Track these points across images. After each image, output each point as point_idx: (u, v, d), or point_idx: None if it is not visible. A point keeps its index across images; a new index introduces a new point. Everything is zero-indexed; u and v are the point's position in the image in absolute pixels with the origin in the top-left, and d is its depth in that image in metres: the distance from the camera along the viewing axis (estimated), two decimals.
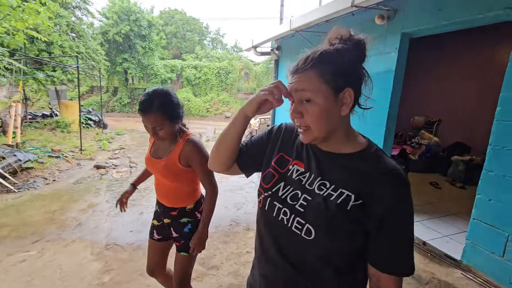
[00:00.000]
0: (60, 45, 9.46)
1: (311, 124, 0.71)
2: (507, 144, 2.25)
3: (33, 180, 4.58)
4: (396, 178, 0.70)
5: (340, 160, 0.75)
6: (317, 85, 0.69)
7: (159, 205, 1.56)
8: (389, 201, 0.67)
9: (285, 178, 0.80)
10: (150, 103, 1.26)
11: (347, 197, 0.69)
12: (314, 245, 0.71)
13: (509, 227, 2.25)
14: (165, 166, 1.41)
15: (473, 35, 5.03)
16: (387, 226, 0.68)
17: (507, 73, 2.25)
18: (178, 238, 1.52)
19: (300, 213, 0.73)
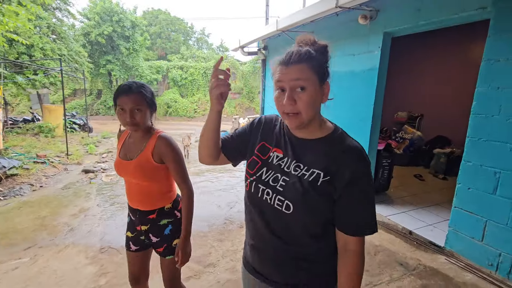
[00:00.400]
0: (41, 48, 9.18)
1: (302, 109, 0.81)
2: (483, 135, 2.41)
3: (19, 187, 4.47)
4: (355, 155, 0.84)
5: (312, 144, 0.88)
6: (310, 75, 0.80)
7: (133, 213, 1.47)
8: (350, 174, 0.81)
9: (267, 163, 0.93)
10: (131, 85, 1.31)
11: (317, 175, 0.83)
12: (294, 217, 0.85)
13: (487, 213, 2.42)
14: (138, 165, 1.36)
15: (451, 34, 5.27)
16: (349, 195, 0.82)
17: (481, 69, 2.41)
18: (158, 243, 1.46)
19: (280, 192, 0.86)
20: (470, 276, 2.40)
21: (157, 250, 1.50)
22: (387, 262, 2.61)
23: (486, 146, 2.40)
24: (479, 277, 2.37)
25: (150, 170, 1.37)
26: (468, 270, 2.47)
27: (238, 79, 20.35)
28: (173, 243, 1.48)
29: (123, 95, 1.29)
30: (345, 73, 3.85)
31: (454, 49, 5.91)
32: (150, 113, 1.38)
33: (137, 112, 1.31)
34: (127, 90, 1.30)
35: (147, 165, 1.36)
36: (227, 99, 0.95)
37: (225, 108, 19.88)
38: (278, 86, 0.83)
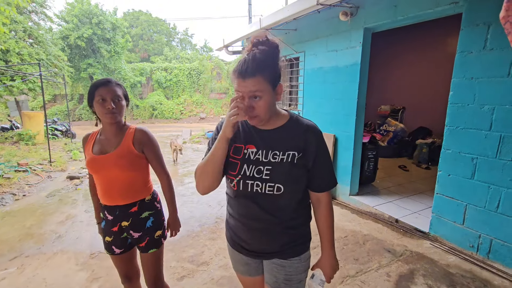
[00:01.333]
0: (17, 53, 8.82)
1: (260, 113, 0.97)
2: (460, 124, 2.53)
3: (0, 197, 4.30)
4: (313, 131, 1.05)
5: (277, 132, 1.05)
6: (264, 86, 0.94)
7: (112, 211, 1.46)
8: (314, 146, 1.03)
9: (245, 160, 1.04)
10: (109, 79, 1.40)
11: (293, 155, 1.01)
12: (284, 195, 1.02)
13: (466, 198, 2.55)
14: (119, 155, 1.39)
15: (428, 28, 5.46)
16: (318, 163, 1.04)
17: (456, 61, 2.53)
18: (140, 238, 1.48)
19: (267, 180, 1.00)
20: (453, 258, 2.52)
21: (139, 246, 1.51)
22: (376, 250, 2.70)
23: (463, 134, 2.52)
24: (462, 258, 2.50)
25: (132, 158, 1.42)
26: (451, 252, 2.59)
27: (224, 79, 20.26)
28: (155, 235, 1.52)
29: (102, 86, 1.36)
30: (329, 68, 3.93)
31: (432, 42, 6.14)
32: (125, 105, 1.45)
33: (118, 101, 1.39)
34: (107, 82, 1.38)
35: (129, 154, 1.41)
36: (213, 99, 1.01)
37: (212, 108, 19.65)
38: (237, 93, 0.97)
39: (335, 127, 3.91)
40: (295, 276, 1.11)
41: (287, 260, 1.10)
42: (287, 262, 1.10)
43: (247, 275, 1.24)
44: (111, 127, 1.43)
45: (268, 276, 1.15)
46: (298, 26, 4.47)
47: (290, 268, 1.10)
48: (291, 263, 1.10)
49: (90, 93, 1.38)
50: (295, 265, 1.10)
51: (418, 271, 2.35)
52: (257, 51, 0.94)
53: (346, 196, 3.85)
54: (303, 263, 1.12)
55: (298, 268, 1.11)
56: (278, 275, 1.11)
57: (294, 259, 1.10)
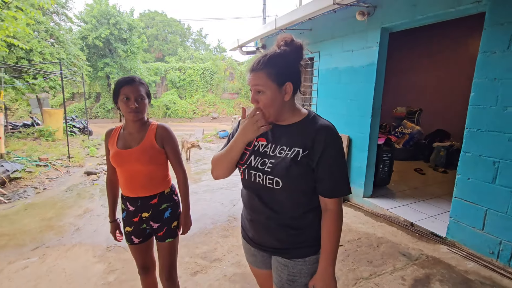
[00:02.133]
0: (40, 52, 9.18)
1: (263, 107, 1.02)
2: (481, 126, 2.46)
3: (23, 190, 4.49)
4: (326, 131, 1.01)
5: (290, 128, 1.06)
6: (265, 82, 0.99)
7: (133, 202, 1.53)
8: (322, 146, 0.98)
9: (254, 152, 1.10)
10: (133, 77, 1.44)
11: (297, 152, 1.01)
12: (283, 190, 1.02)
13: (487, 202, 2.47)
14: (142, 150, 1.45)
15: (449, 27, 5.32)
16: (324, 164, 0.99)
17: (478, 61, 2.46)
18: (159, 228, 1.55)
19: (269, 172, 1.03)
20: (472, 264, 2.44)
21: (157, 235, 1.58)
22: (390, 253, 2.65)
23: (484, 137, 2.45)
24: (481, 265, 2.42)
25: (154, 153, 1.49)
26: (470, 258, 2.52)
27: (236, 79, 20.37)
28: (172, 225, 1.59)
29: (127, 85, 1.41)
30: (344, 69, 3.90)
31: (451, 42, 5.97)
32: (148, 103, 1.51)
33: (141, 100, 1.44)
34: (131, 81, 1.43)
35: (152, 149, 1.48)
36: (226, 99, 1.05)
37: (224, 108, 19.80)
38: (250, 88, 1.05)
39: (350, 128, 3.86)
40: (299, 278, 1.09)
41: (290, 260, 1.09)
42: (290, 262, 1.09)
43: (254, 266, 1.29)
44: (134, 123, 1.49)
45: (274, 274, 1.16)
46: (313, 26, 4.45)
47: (294, 269, 1.09)
48: (294, 263, 1.09)
49: (115, 91, 1.44)
50: (298, 266, 1.08)
51: (435, 276, 2.30)
52: (277, 50, 1.02)
53: (360, 198, 3.80)
54: (309, 267, 1.09)
55: (302, 270, 1.09)
56: (282, 274, 1.11)
57: (298, 260, 1.08)
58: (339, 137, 1.02)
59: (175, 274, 1.66)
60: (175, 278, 1.66)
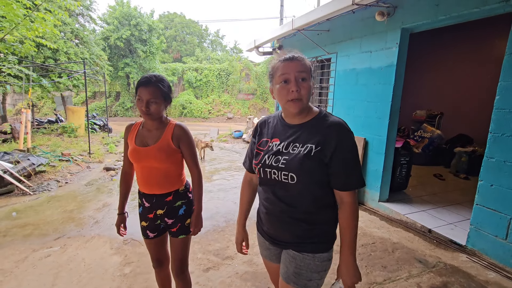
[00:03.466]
0: (65, 52, 9.62)
1: (304, 96, 1.05)
2: (506, 131, 2.36)
3: (47, 183, 4.72)
4: (337, 127, 1.06)
5: (302, 127, 1.11)
6: (308, 71, 1.07)
7: (149, 199, 1.57)
8: (334, 142, 1.03)
9: (268, 151, 1.16)
10: (150, 78, 1.44)
11: (310, 148, 1.05)
12: (298, 185, 1.07)
13: (511, 211, 2.35)
14: (159, 148, 1.48)
15: (472, 28, 5.13)
16: (337, 159, 1.04)
17: (505, 63, 2.36)
18: (173, 224, 1.59)
19: (283, 168, 1.08)
20: (493, 274, 2.34)
21: (171, 231, 1.61)
22: (406, 259, 2.58)
23: (509, 142, 2.34)
24: (503, 276, 2.31)
25: (170, 152, 1.51)
26: (491, 269, 2.41)
27: (252, 80, 20.45)
28: (186, 222, 1.62)
29: (142, 86, 1.43)
30: (362, 70, 3.84)
31: (474, 43, 5.74)
32: (164, 105, 1.51)
33: (152, 103, 1.43)
34: (146, 83, 1.43)
35: (168, 148, 1.50)
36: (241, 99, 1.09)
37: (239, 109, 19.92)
38: (283, 79, 1.06)
39: (367, 130, 3.80)
40: (305, 272, 1.11)
41: (299, 254, 1.12)
42: (298, 255, 1.12)
43: (268, 260, 1.33)
44: (153, 121, 1.53)
45: (282, 265, 1.20)
46: (331, 26, 4.40)
47: (301, 263, 1.12)
48: (303, 257, 1.12)
49: (135, 88, 1.48)
50: (306, 261, 1.11)
51: (453, 285, 2.22)
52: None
53: (375, 202, 3.72)
54: (317, 263, 1.11)
55: (309, 265, 1.11)
56: (289, 266, 1.15)
57: (307, 255, 1.11)
58: (350, 132, 1.07)
59: (186, 270, 1.69)
60: (186, 273, 1.70)
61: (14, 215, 3.43)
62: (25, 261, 2.50)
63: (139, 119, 1.64)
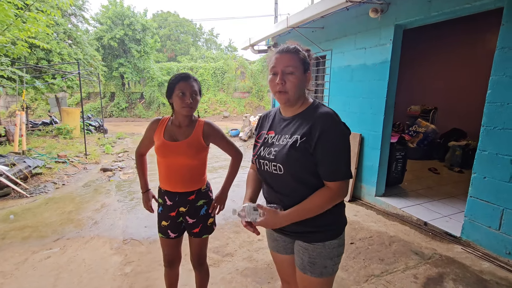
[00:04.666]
0: (58, 53, 9.52)
1: (289, 89, 1.08)
2: (498, 124, 2.41)
3: (43, 185, 4.69)
4: (324, 116, 1.07)
5: (294, 119, 1.15)
6: (297, 63, 1.08)
7: (172, 197, 1.58)
8: (320, 132, 1.04)
9: (264, 143, 1.22)
10: (188, 74, 1.51)
11: (296, 139, 1.09)
12: (285, 175, 1.10)
13: (503, 202, 2.42)
14: (189, 144, 1.52)
15: (465, 23, 5.19)
16: (321, 148, 1.05)
17: (495, 58, 2.41)
18: (195, 224, 1.60)
19: (272, 159, 1.12)
20: (487, 264, 2.40)
21: (193, 231, 1.62)
22: (402, 251, 2.63)
23: (502, 134, 2.39)
24: (497, 265, 2.37)
25: (200, 149, 1.55)
26: (485, 259, 2.47)
27: (247, 78, 20.42)
28: (208, 222, 1.64)
29: (183, 80, 1.49)
30: (357, 66, 3.87)
31: (466, 39, 5.81)
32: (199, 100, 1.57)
33: (195, 96, 1.50)
34: (187, 77, 1.50)
35: (198, 145, 1.54)
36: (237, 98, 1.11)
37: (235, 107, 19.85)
38: (272, 71, 1.10)
39: (362, 126, 3.84)
40: (319, 260, 1.15)
41: (310, 244, 1.16)
42: (310, 246, 1.16)
43: (275, 251, 1.35)
44: (185, 118, 1.56)
45: (296, 257, 1.23)
46: (326, 24, 4.43)
47: (313, 252, 1.15)
48: (314, 247, 1.15)
49: (171, 86, 1.51)
50: (318, 250, 1.15)
51: (448, 275, 2.27)
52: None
53: (372, 197, 3.77)
54: (327, 250, 1.14)
55: (321, 254, 1.14)
56: (304, 257, 1.18)
57: (317, 244, 1.14)
58: (338, 122, 1.07)
59: (205, 262, 1.75)
60: (205, 265, 1.76)
61: (11, 218, 3.42)
62: (25, 263, 2.50)
63: (139, 119, 1.66)
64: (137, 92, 19.62)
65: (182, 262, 2.40)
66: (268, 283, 2.21)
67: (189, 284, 2.19)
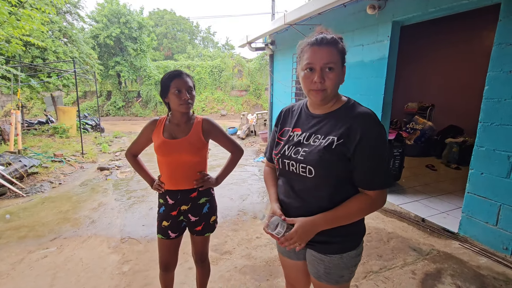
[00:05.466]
0: (54, 51, 9.42)
1: (329, 86, 0.97)
2: (495, 120, 2.41)
3: (40, 184, 4.65)
4: (364, 119, 0.96)
5: (326, 117, 1.04)
6: (337, 58, 0.97)
7: (173, 195, 1.56)
8: (360, 135, 0.94)
9: (288, 142, 1.10)
10: (181, 71, 1.48)
11: (331, 140, 0.98)
12: (315, 179, 1.00)
13: (501, 197, 2.43)
14: (189, 141, 1.50)
15: (462, 20, 5.19)
16: (360, 152, 0.94)
17: (493, 54, 2.41)
18: (197, 222, 1.58)
19: (302, 161, 1.01)
20: (484, 260, 2.41)
21: (195, 229, 1.61)
22: (400, 247, 2.64)
23: (499, 131, 2.40)
24: (494, 260, 2.39)
25: (200, 145, 1.53)
26: (483, 254, 2.48)
27: (245, 76, 20.37)
28: (211, 220, 1.63)
29: (177, 78, 1.45)
30: (354, 63, 3.87)
31: (463, 35, 5.83)
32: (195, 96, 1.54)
33: (191, 91, 1.49)
34: (180, 74, 1.47)
35: (198, 141, 1.52)
36: (234, 96, 1.05)
37: (233, 105, 19.80)
38: (308, 66, 0.97)
39: None
40: (334, 271, 1.07)
41: (325, 256, 1.06)
42: (326, 258, 1.06)
43: (286, 256, 1.25)
44: (183, 115, 1.54)
45: (310, 266, 1.14)
46: (323, 21, 4.42)
47: (330, 264, 1.06)
48: (330, 259, 1.05)
49: (165, 85, 1.47)
50: (334, 261, 1.05)
51: (446, 271, 2.28)
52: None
53: None
54: (345, 261, 1.05)
55: (338, 265, 1.06)
56: (319, 267, 1.09)
57: (334, 256, 1.05)
58: (379, 125, 0.96)
59: (207, 258, 1.75)
60: (207, 261, 1.76)
61: (7, 218, 3.39)
62: (21, 262, 2.48)
63: (136, 118, 1.64)
64: (134, 91, 19.50)
65: (181, 261, 2.40)
66: (267, 281, 2.21)
67: (187, 283, 2.18)
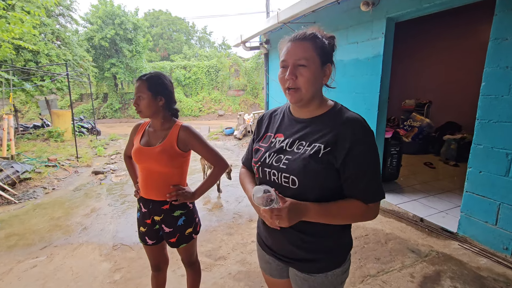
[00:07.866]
0: (46, 54, 9.32)
1: (302, 85, 0.88)
2: (493, 117, 2.36)
3: (32, 190, 4.57)
4: (353, 124, 0.88)
5: (311, 122, 0.95)
6: (312, 54, 0.88)
7: (146, 204, 1.50)
8: (348, 143, 0.85)
9: (270, 148, 1.00)
10: (142, 75, 1.42)
11: (318, 148, 0.88)
12: (299, 191, 0.89)
13: (500, 196, 2.37)
14: (162, 150, 1.40)
15: (457, 15, 5.14)
16: (351, 163, 0.85)
17: (489, 49, 2.35)
18: (171, 233, 1.49)
19: (284, 169, 0.91)
20: (484, 260, 2.36)
21: (170, 241, 1.53)
22: (399, 249, 2.59)
23: (496, 128, 2.34)
24: (494, 261, 2.34)
25: (173, 156, 1.42)
26: (483, 255, 2.43)
27: (242, 76, 20.28)
28: (186, 232, 1.53)
29: (136, 83, 1.42)
30: (349, 61, 3.81)
31: (460, 31, 5.77)
32: (154, 101, 1.41)
33: (140, 99, 1.40)
34: (138, 80, 1.41)
35: (171, 151, 1.41)
36: (231, 96, 0.95)
37: (230, 105, 19.77)
38: (282, 64, 0.91)
39: None
40: None
41: (309, 275, 0.98)
42: (309, 277, 0.98)
43: (268, 275, 1.16)
44: (154, 121, 1.48)
45: (294, 285, 1.06)
46: (317, 18, 4.35)
47: (314, 283, 0.98)
48: (315, 278, 0.98)
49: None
50: (319, 280, 0.98)
51: (445, 273, 2.23)
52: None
53: None
54: (331, 280, 0.98)
55: (324, 283, 0.98)
56: (303, 286, 1.01)
57: (318, 275, 0.97)
58: (369, 131, 0.88)
59: (196, 261, 1.70)
60: (196, 263, 1.71)
61: None
62: (9, 273, 2.40)
63: (133, 120, 1.58)
64: (130, 93, 19.37)
65: (174, 267, 2.34)
66: (261, 287, 2.15)
67: None
